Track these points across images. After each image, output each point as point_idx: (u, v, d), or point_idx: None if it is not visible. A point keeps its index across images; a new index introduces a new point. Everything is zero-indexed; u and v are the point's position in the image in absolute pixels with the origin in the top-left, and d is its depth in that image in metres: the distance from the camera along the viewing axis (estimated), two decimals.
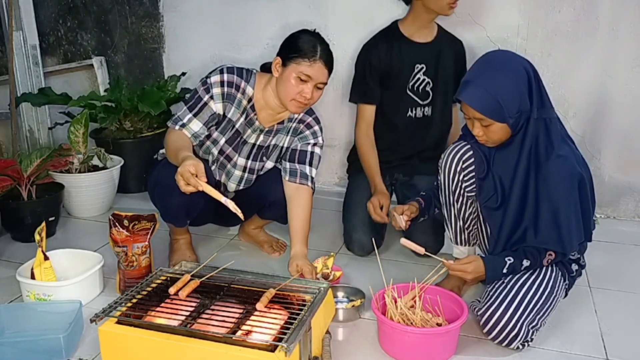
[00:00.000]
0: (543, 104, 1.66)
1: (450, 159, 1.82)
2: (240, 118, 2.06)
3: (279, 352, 1.31)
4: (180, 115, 2.00)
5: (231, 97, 2.02)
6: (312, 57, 1.89)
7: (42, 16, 3.01)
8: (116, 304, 1.51)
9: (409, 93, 2.40)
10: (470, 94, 1.62)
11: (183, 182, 1.68)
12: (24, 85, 2.84)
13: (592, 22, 2.57)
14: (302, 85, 1.91)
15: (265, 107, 2.06)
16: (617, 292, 2.06)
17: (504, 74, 1.62)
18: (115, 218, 1.96)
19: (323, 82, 1.94)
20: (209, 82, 2.00)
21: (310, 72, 1.89)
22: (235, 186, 2.21)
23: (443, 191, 1.89)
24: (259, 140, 2.13)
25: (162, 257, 2.24)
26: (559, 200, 1.64)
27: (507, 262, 1.69)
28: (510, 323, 1.62)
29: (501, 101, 1.59)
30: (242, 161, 2.15)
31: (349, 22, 2.89)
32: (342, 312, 1.83)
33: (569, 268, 1.83)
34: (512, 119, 1.61)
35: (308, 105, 1.98)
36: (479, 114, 1.62)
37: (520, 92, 1.61)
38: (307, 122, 2.13)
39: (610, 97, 2.63)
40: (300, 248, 2.01)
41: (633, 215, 2.76)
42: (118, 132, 3.00)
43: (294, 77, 1.90)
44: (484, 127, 1.65)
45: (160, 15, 3.26)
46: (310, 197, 2.07)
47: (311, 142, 2.13)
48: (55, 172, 2.61)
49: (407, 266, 2.20)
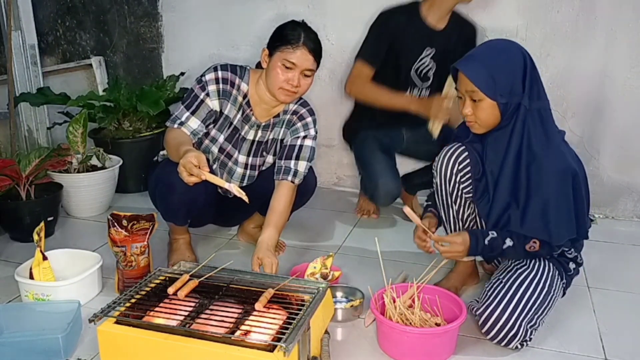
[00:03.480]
0: (538, 95, 1.68)
1: (445, 161, 1.82)
2: (237, 114, 2.07)
3: (277, 352, 1.31)
4: (177, 114, 2.01)
5: (227, 93, 2.03)
6: (295, 43, 1.90)
7: (41, 16, 3.00)
8: (115, 304, 1.51)
9: (413, 74, 2.42)
10: (466, 64, 1.68)
11: (186, 173, 1.68)
12: (23, 85, 2.84)
13: (590, 23, 2.58)
14: (288, 72, 1.93)
15: (260, 102, 2.08)
16: (615, 292, 2.06)
17: (502, 54, 1.68)
18: (114, 218, 1.96)
19: (309, 69, 1.95)
20: (204, 80, 2.02)
21: (294, 58, 1.91)
22: (238, 183, 2.21)
23: (440, 194, 1.88)
24: (258, 136, 2.14)
25: (161, 257, 2.24)
26: (550, 192, 1.65)
27: (490, 235, 1.71)
28: (508, 322, 1.62)
29: (495, 76, 1.63)
30: (242, 158, 2.16)
31: (348, 22, 2.89)
32: (341, 312, 1.83)
33: (566, 267, 1.84)
34: (503, 99, 1.63)
35: (297, 93, 1.99)
36: (472, 85, 1.64)
37: (514, 73, 1.64)
38: (300, 113, 2.14)
39: (609, 97, 2.64)
40: (267, 234, 1.97)
41: (631, 215, 2.76)
42: (117, 132, 3.00)
43: (279, 65, 1.92)
44: (473, 104, 1.67)
45: (159, 15, 3.26)
46: (288, 190, 2.06)
47: (301, 135, 2.13)
48: (54, 172, 2.60)
49: (407, 266, 2.20)
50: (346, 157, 3.12)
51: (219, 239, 2.50)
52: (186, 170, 1.68)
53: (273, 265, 1.86)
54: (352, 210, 2.83)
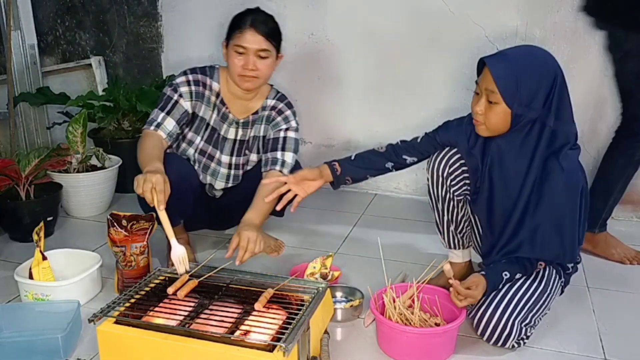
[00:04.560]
0: (565, 117, 1.63)
1: (436, 165, 1.82)
2: (212, 114, 2.09)
3: (277, 352, 1.31)
4: (153, 116, 2.03)
5: (199, 95, 2.06)
6: (242, 27, 1.93)
7: (41, 16, 3.01)
8: (114, 304, 1.51)
9: None
10: (496, 61, 1.61)
11: (141, 190, 1.70)
12: (22, 84, 2.85)
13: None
14: (242, 58, 1.95)
15: (234, 98, 2.09)
16: (615, 292, 2.06)
17: (535, 64, 1.61)
18: (113, 218, 1.96)
19: (262, 49, 1.95)
20: (175, 83, 2.06)
21: (242, 41, 1.93)
22: (224, 184, 2.21)
23: (432, 197, 1.88)
24: (239, 135, 2.15)
25: (161, 257, 2.24)
26: (564, 214, 1.63)
27: (504, 278, 1.68)
28: (500, 322, 1.61)
29: (519, 83, 1.57)
30: (226, 158, 2.16)
31: (347, 22, 2.89)
32: (341, 312, 1.83)
33: (565, 266, 1.83)
34: (519, 109, 1.59)
35: (259, 78, 1.99)
36: (493, 85, 1.59)
37: (540, 86, 1.59)
38: (278, 108, 2.15)
39: (608, 97, 2.63)
40: (248, 216, 1.92)
41: (631, 216, 2.76)
42: (116, 131, 2.99)
43: (233, 52, 1.96)
44: (487, 105, 1.63)
45: (159, 15, 3.26)
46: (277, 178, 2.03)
47: (283, 127, 2.13)
48: (54, 172, 2.60)
49: (406, 266, 2.20)
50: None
51: (218, 238, 2.50)
52: (142, 188, 1.69)
53: (250, 241, 1.78)
54: (352, 210, 2.83)
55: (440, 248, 2.24)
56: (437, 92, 2.85)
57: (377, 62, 2.92)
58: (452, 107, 2.65)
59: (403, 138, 1.98)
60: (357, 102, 3.01)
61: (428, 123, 2.85)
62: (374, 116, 3.00)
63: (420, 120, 2.90)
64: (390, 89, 2.94)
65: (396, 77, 2.92)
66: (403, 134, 1.96)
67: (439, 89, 2.84)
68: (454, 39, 2.75)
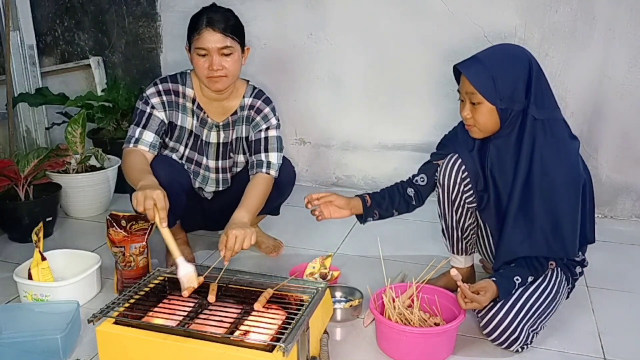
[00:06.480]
0: (547, 104, 1.64)
1: (449, 170, 1.80)
2: (192, 121, 2.04)
3: (276, 352, 1.31)
4: (130, 133, 1.97)
5: (172, 104, 2.01)
6: (199, 28, 1.85)
7: (39, 16, 3.01)
8: (114, 304, 1.51)
9: None
10: (468, 65, 1.64)
11: (142, 208, 1.62)
12: (21, 85, 2.84)
13: (589, 22, 2.58)
14: (206, 59, 1.88)
15: (209, 101, 2.04)
16: (614, 292, 2.07)
17: (506, 58, 1.63)
18: (112, 218, 1.96)
19: (224, 47, 1.87)
20: (145, 96, 2.00)
21: (202, 43, 1.85)
22: (214, 188, 2.19)
23: (442, 202, 1.85)
24: (221, 138, 2.10)
25: (160, 257, 2.24)
26: (564, 209, 1.62)
27: (516, 283, 1.66)
28: (511, 326, 1.61)
29: (495, 80, 1.59)
30: (212, 163, 2.13)
31: (347, 22, 2.90)
32: (340, 312, 1.83)
33: (573, 271, 1.82)
34: (503, 104, 1.60)
35: (228, 76, 1.92)
36: (472, 87, 1.61)
37: (517, 79, 1.60)
38: (256, 106, 2.08)
39: (608, 97, 2.64)
40: (236, 214, 1.86)
41: (630, 215, 2.76)
42: (115, 132, 2.99)
43: (195, 56, 1.89)
44: (472, 107, 1.64)
45: (158, 15, 3.26)
46: (263, 179, 2.00)
47: (263, 127, 2.06)
48: (53, 173, 2.60)
49: (406, 266, 2.20)
50: (344, 157, 3.13)
51: (217, 238, 2.49)
52: (143, 206, 1.62)
53: (237, 240, 1.70)
54: None
55: (440, 248, 2.24)
56: (436, 92, 2.85)
57: (376, 62, 2.93)
58: (451, 107, 2.65)
59: (402, 138, 1.98)
60: (356, 102, 3.01)
61: (427, 123, 2.88)
62: (373, 116, 3.00)
63: (419, 120, 2.91)
64: (390, 89, 2.94)
65: (395, 77, 2.92)
66: (402, 134, 1.97)
67: (438, 89, 2.84)
68: (452, 39, 2.75)
